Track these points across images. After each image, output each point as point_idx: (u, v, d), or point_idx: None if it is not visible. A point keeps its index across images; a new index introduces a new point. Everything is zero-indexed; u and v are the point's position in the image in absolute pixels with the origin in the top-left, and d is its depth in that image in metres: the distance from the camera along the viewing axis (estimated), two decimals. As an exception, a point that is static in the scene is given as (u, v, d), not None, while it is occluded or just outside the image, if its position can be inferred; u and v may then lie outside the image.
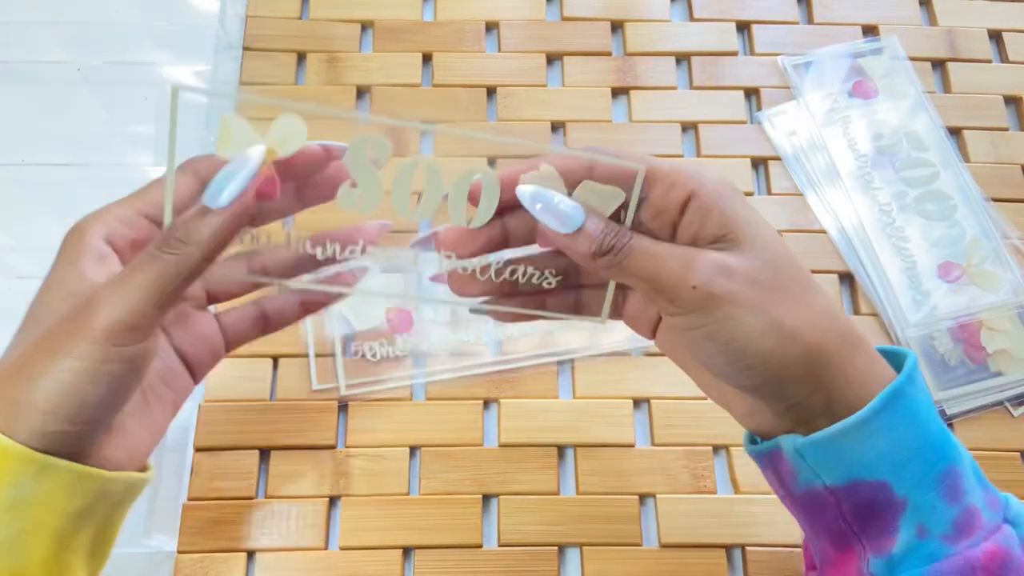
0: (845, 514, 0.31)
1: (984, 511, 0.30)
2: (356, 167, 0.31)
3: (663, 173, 0.31)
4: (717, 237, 0.30)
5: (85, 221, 0.31)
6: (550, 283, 0.34)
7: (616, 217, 0.32)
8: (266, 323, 0.37)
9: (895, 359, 0.32)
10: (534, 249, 0.35)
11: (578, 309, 0.36)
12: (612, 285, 0.34)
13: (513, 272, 0.34)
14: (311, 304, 0.36)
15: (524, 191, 0.31)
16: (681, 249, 0.30)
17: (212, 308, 0.36)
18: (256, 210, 0.31)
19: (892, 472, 0.29)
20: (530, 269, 0.34)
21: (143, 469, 0.33)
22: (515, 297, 0.35)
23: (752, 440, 0.34)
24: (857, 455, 0.30)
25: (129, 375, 0.28)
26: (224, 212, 0.29)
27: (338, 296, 0.36)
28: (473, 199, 0.32)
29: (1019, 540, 0.30)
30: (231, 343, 0.36)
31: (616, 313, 0.36)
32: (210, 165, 0.31)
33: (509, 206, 0.32)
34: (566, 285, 0.35)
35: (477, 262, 0.33)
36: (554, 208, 0.30)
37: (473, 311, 0.35)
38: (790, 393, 0.30)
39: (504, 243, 0.33)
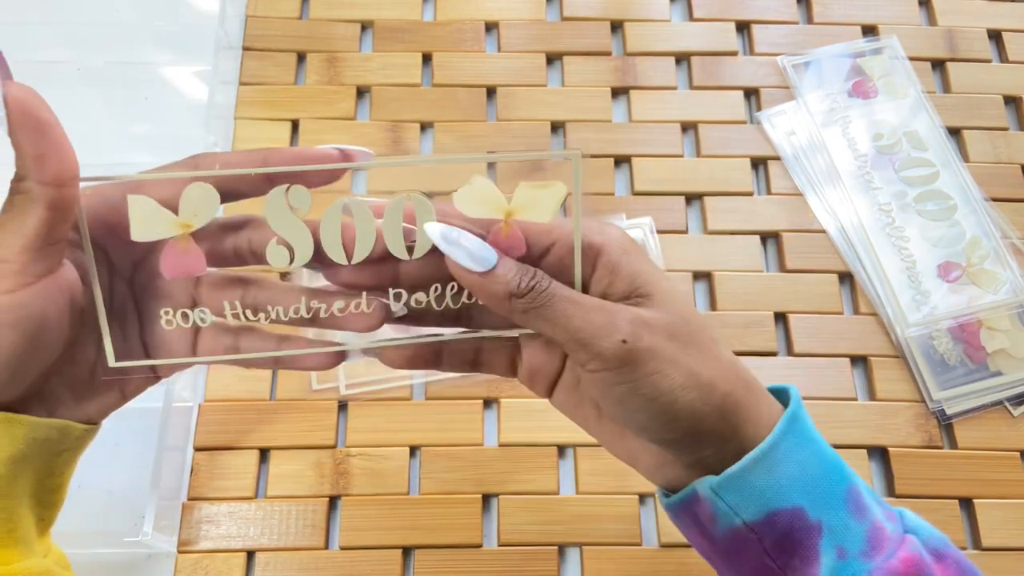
0: (768, 550, 0.31)
1: (886, 524, 0.31)
2: (278, 221, 0.30)
3: (568, 230, 0.30)
4: (627, 293, 0.30)
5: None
6: (467, 301, 0.32)
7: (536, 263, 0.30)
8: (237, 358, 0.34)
9: (782, 396, 0.33)
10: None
11: (476, 364, 0.34)
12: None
13: (419, 301, 0.31)
14: (285, 362, 0.33)
15: (433, 229, 0.29)
16: (600, 301, 0.30)
17: (194, 321, 0.33)
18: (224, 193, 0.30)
19: (804, 495, 0.30)
20: (439, 287, 0.31)
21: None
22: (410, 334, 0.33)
23: (665, 495, 0.34)
24: (770, 484, 0.30)
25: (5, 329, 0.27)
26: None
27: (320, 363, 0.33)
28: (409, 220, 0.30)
29: (924, 547, 0.31)
30: (201, 358, 0.34)
31: (509, 371, 0.34)
32: (211, 159, 0.31)
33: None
34: (466, 324, 0.33)
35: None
36: (464, 245, 0.29)
37: (365, 352, 0.33)
38: (707, 443, 0.31)
39: (394, 282, 0.31)
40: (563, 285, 0.30)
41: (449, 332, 0.33)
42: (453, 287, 0.32)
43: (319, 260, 0.31)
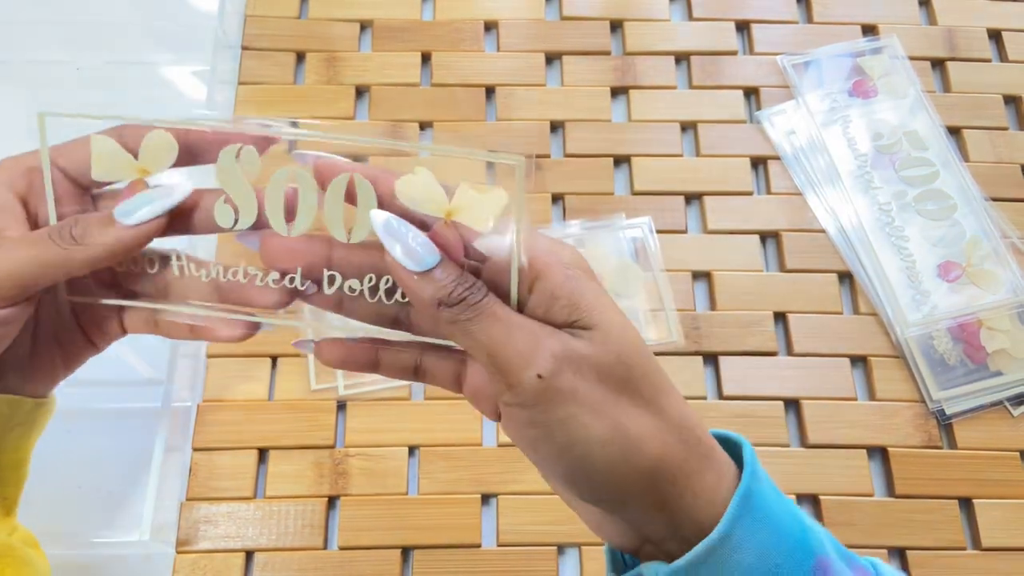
0: None
1: None
2: (227, 180, 0.29)
3: (505, 246, 0.27)
4: (565, 322, 0.27)
5: None
6: (400, 300, 0.30)
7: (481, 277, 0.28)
8: (156, 326, 0.33)
9: (729, 446, 0.29)
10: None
11: (417, 372, 0.31)
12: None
13: (352, 288, 0.29)
14: (199, 331, 0.32)
15: (377, 217, 0.27)
16: (532, 324, 0.26)
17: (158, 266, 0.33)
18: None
19: None
20: (374, 278, 0.29)
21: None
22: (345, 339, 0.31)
23: (613, 560, 0.31)
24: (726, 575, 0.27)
25: None
26: (128, 230, 0.28)
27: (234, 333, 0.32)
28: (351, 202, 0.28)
29: None
30: (128, 329, 0.33)
31: (453, 385, 0.31)
32: (137, 132, 0.30)
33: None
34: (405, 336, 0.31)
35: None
36: (406, 241, 0.27)
37: (296, 345, 0.31)
38: (633, 512, 0.28)
39: (328, 264, 0.29)
40: (499, 301, 0.27)
41: (392, 335, 0.31)
42: (388, 281, 0.30)
43: (260, 226, 0.30)
